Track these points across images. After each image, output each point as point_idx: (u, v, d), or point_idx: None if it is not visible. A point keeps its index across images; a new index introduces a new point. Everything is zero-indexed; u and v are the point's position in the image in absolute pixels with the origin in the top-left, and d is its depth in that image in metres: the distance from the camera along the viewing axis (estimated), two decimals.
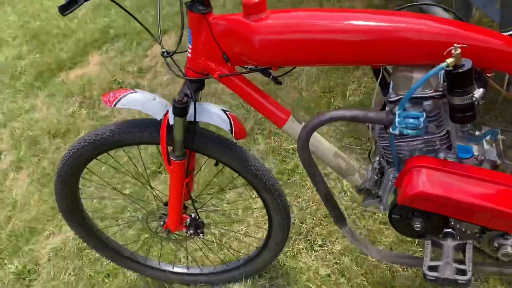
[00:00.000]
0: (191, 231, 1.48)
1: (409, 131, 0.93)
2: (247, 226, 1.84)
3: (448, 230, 1.00)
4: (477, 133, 1.03)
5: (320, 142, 1.19)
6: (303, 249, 1.70)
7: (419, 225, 1.02)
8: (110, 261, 1.71)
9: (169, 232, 1.48)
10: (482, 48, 0.89)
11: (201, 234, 1.50)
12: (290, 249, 1.71)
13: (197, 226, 1.48)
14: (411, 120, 0.92)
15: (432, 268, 0.95)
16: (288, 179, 1.94)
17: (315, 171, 1.13)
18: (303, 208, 1.82)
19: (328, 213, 1.77)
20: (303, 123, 1.14)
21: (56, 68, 3.20)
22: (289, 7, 2.77)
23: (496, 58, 0.90)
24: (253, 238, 1.77)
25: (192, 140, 1.23)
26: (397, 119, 0.94)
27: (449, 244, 0.98)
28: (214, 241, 1.78)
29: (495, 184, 0.93)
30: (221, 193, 1.94)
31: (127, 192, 2.09)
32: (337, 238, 1.69)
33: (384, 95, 1.06)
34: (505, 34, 0.98)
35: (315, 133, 1.18)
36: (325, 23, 0.97)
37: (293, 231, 1.76)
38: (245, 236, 1.79)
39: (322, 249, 1.67)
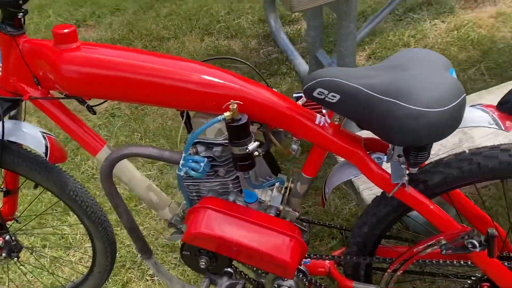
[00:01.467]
0: (4, 254, 1.41)
1: (192, 173, 1.00)
2: (85, 251, 1.79)
3: (228, 269, 1.07)
4: (268, 178, 1.13)
5: (133, 174, 1.21)
6: (134, 278, 1.69)
7: (204, 263, 1.08)
8: None
9: None
10: (258, 104, 0.98)
11: (15, 258, 1.44)
12: (122, 277, 1.69)
13: (11, 249, 1.42)
14: (193, 163, 0.99)
15: None
16: (135, 206, 1.94)
17: (119, 202, 1.15)
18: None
19: (165, 243, 1.81)
20: None
21: None
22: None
23: (271, 115, 1.00)
24: (81, 264, 1.73)
25: (0, 158, 1.19)
26: (181, 161, 1.00)
27: (223, 282, 1.05)
28: (41, 266, 1.71)
29: (264, 228, 1.02)
30: (61, 216, 1.88)
31: None
32: (169, 269, 1.70)
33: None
34: (295, 95, 1.10)
35: (129, 165, 1.21)
36: (128, 62, 1.01)
37: (127, 259, 1.75)
38: (76, 263, 1.74)
39: (152, 279, 1.68)
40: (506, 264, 1.04)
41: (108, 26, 3.04)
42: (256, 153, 1.01)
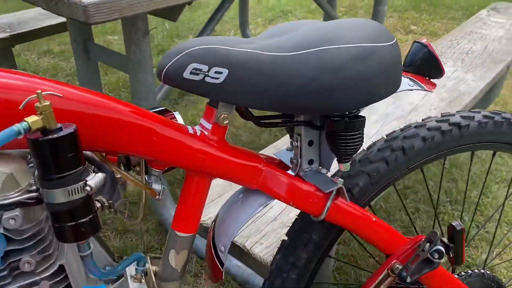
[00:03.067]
0: None
1: None
2: None
3: None
4: (108, 266, 0.63)
5: None
6: None
7: None
8: None
9: None
10: (96, 116, 0.53)
11: None
12: None
13: None
14: None
15: None
16: None
17: None
18: None
19: None
20: None
21: None
22: None
23: (117, 132, 0.55)
24: None
25: None
26: None
27: None
28: None
29: None
30: None
31: None
32: None
33: None
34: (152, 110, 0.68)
35: None
36: None
37: None
38: None
39: None
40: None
41: None
42: (98, 203, 0.53)
